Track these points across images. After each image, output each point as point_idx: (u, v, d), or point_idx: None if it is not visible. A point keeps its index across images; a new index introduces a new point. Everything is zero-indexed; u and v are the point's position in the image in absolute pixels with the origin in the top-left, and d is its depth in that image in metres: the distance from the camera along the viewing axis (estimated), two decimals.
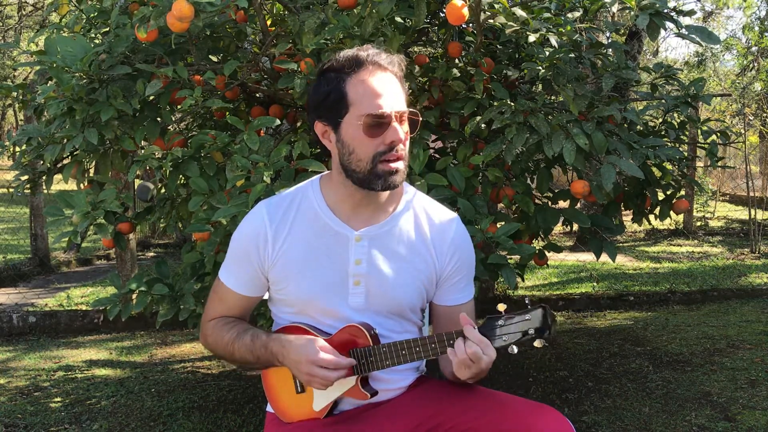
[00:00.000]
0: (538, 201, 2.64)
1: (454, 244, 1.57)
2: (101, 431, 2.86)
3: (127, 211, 2.55)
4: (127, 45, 2.38)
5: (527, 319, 1.37)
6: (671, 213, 2.70)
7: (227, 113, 2.82)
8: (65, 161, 2.71)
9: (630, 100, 4.25)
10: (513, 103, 2.32)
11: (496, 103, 2.37)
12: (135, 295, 2.33)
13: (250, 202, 1.96)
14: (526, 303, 1.40)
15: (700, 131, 2.72)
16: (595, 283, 5.37)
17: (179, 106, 2.43)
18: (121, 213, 2.44)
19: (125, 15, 2.50)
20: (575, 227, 7.01)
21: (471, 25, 2.64)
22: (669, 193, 2.70)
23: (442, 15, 2.69)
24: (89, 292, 5.63)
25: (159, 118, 2.54)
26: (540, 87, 2.91)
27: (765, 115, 8.25)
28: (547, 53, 2.43)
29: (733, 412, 2.76)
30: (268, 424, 1.62)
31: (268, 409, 1.64)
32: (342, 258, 1.50)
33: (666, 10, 2.17)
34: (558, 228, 7.65)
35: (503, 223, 2.23)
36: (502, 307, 1.39)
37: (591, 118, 2.32)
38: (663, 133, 2.72)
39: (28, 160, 2.69)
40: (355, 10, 2.24)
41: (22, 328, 4.73)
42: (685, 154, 2.66)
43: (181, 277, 2.36)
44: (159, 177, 2.43)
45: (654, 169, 2.61)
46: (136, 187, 4.20)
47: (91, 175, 2.82)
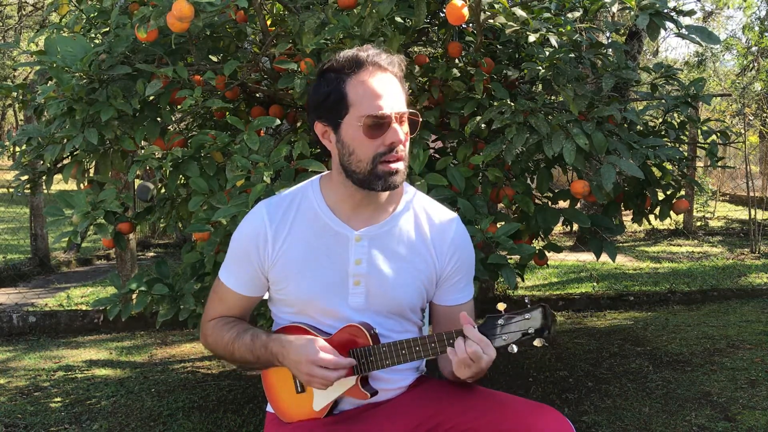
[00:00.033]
0: (538, 201, 2.64)
1: (454, 244, 1.57)
2: (101, 431, 2.86)
3: (127, 211, 2.55)
4: (127, 45, 2.38)
5: (527, 318, 1.37)
6: (671, 213, 2.70)
7: (227, 113, 2.82)
8: (65, 161, 2.71)
9: (630, 100, 4.25)
10: (513, 103, 2.32)
11: (496, 103, 2.37)
12: (135, 295, 2.33)
13: (250, 202, 1.96)
14: (526, 302, 1.41)
15: (700, 131, 2.72)
16: (595, 283, 5.37)
17: (179, 106, 2.43)
18: (121, 213, 2.44)
19: (125, 15, 2.51)
20: (575, 227, 7.01)
21: (471, 25, 2.64)
22: (669, 193, 2.70)
23: (442, 15, 2.69)
24: (89, 292, 5.63)
25: (159, 118, 2.54)
26: (540, 87, 2.91)
27: (765, 115, 8.25)
28: (547, 53, 2.43)
29: (733, 412, 2.76)
30: (268, 424, 1.62)
31: (268, 409, 1.64)
32: (342, 258, 1.50)
33: (666, 10, 2.17)
34: (558, 228, 7.65)
35: (503, 223, 2.23)
36: (501, 306, 1.39)
37: (591, 118, 2.32)
38: (663, 133, 2.72)
39: (28, 160, 2.69)
40: (355, 10, 2.24)
41: (22, 328, 4.73)
42: (685, 154, 2.66)
43: (181, 277, 2.37)
44: (159, 177, 2.43)
45: (654, 169, 2.61)
46: (136, 187, 4.20)
47: (91, 175, 2.82)
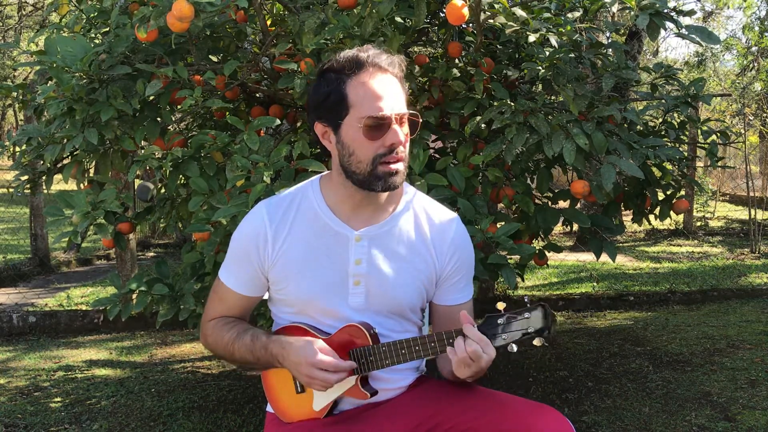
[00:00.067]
0: (538, 201, 2.64)
1: (454, 244, 1.57)
2: (101, 431, 2.86)
3: (127, 211, 2.55)
4: (127, 45, 2.38)
5: (527, 317, 1.37)
6: (671, 213, 2.70)
7: (227, 113, 2.82)
8: (65, 161, 2.71)
9: (630, 100, 4.25)
10: (513, 103, 2.32)
11: (496, 103, 2.37)
12: (135, 295, 2.33)
13: (250, 202, 1.96)
14: (526, 302, 1.41)
15: (700, 131, 2.72)
16: (595, 283, 5.37)
17: (179, 106, 2.43)
18: (121, 213, 2.44)
19: (125, 15, 2.51)
20: (575, 227, 7.01)
21: (471, 25, 2.64)
22: (669, 193, 2.70)
23: (442, 15, 2.69)
24: (89, 292, 5.63)
25: (159, 118, 2.54)
26: (540, 87, 2.91)
27: (765, 115, 8.25)
28: (547, 53, 2.43)
29: (733, 412, 2.76)
30: (268, 424, 1.62)
31: (268, 409, 1.64)
32: (342, 258, 1.50)
33: (666, 10, 2.17)
34: (558, 228, 7.65)
35: (503, 223, 2.23)
36: (501, 305, 1.39)
37: (591, 118, 2.32)
38: (663, 133, 2.72)
39: (28, 160, 2.69)
40: (355, 10, 2.24)
41: (22, 328, 4.73)
42: (685, 154, 2.66)
43: (181, 277, 2.37)
44: (159, 177, 2.43)
45: (654, 169, 2.61)
46: (136, 187, 4.20)
47: (91, 175, 2.82)
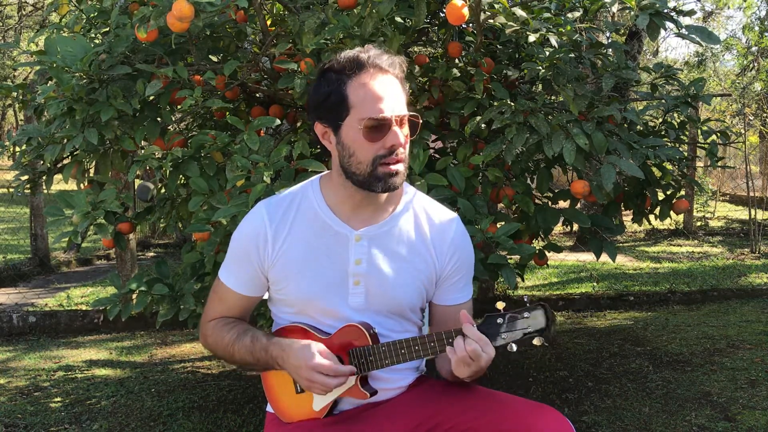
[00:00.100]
0: (538, 201, 2.64)
1: (454, 244, 1.57)
2: (101, 431, 2.86)
3: (127, 211, 2.55)
4: (127, 45, 2.38)
5: (526, 317, 1.37)
6: (671, 213, 2.70)
7: (227, 113, 2.82)
8: (65, 161, 2.71)
9: (630, 100, 4.25)
10: (513, 103, 2.32)
11: (496, 103, 2.37)
12: (135, 295, 2.33)
13: (250, 202, 1.96)
14: (525, 302, 1.41)
15: (700, 131, 2.72)
16: (595, 283, 5.37)
17: (179, 106, 2.43)
18: (121, 213, 2.44)
19: (125, 15, 2.51)
20: (575, 227, 7.01)
21: (471, 25, 2.64)
22: (669, 193, 2.70)
23: (442, 15, 2.69)
24: (89, 292, 5.63)
25: (159, 118, 2.54)
26: (540, 87, 2.91)
27: (765, 115, 8.25)
28: (547, 53, 2.43)
29: (733, 412, 2.76)
30: (268, 424, 1.62)
31: (268, 409, 1.64)
32: (342, 258, 1.50)
33: (666, 10, 2.17)
34: (558, 228, 7.65)
35: (503, 223, 2.23)
36: (501, 305, 1.39)
37: (591, 118, 2.32)
38: (663, 133, 2.72)
39: (28, 160, 2.69)
40: (355, 10, 2.24)
41: (22, 328, 4.73)
42: (685, 154, 2.66)
43: (181, 277, 2.37)
44: (159, 177, 2.43)
45: (654, 169, 2.61)
46: (136, 187, 4.20)
47: (91, 175, 2.82)
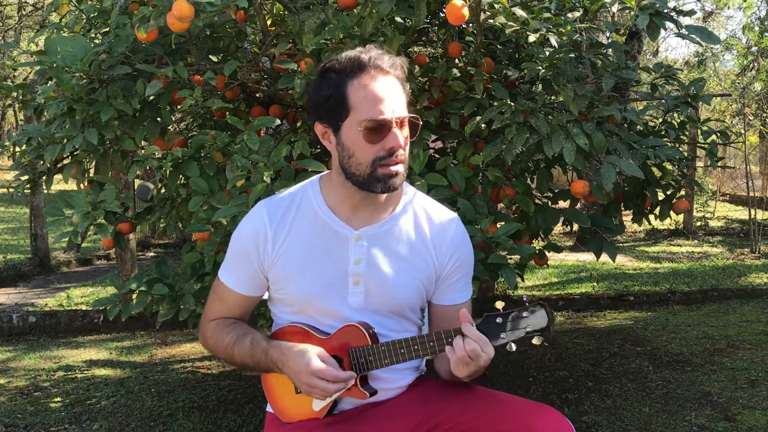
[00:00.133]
0: (538, 201, 2.64)
1: (454, 244, 1.57)
2: (101, 431, 2.86)
3: (127, 211, 2.55)
4: (127, 45, 2.38)
5: (525, 316, 1.37)
6: (671, 213, 2.70)
7: (227, 113, 2.82)
8: (65, 161, 2.71)
9: (630, 100, 4.25)
10: (513, 103, 2.32)
11: (496, 103, 2.37)
12: (135, 295, 2.33)
13: (250, 202, 1.96)
14: (525, 301, 1.40)
15: (700, 131, 2.72)
16: (595, 283, 5.37)
17: (179, 106, 2.43)
18: (121, 213, 2.44)
19: (125, 15, 2.51)
20: (575, 227, 7.01)
21: (471, 25, 2.64)
22: (669, 193, 2.70)
23: (442, 15, 2.69)
24: (89, 292, 5.63)
25: (159, 118, 2.54)
26: (540, 87, 2.91)
27: (765, 115, 8.26)
28: (547, 53, 2.43)
29: (733, 412, 2.76)
30: (268, 424, 1.62)
31: (268, 409, 1.64)
32: (342, 257, 1.50)
33: (666, 10, 2.17)
34: (558, 228, 7.65)
35: (503, 223, 2.23)
36: (500, 304, 1.39)
37: (591, 118, 2.32)
38: (663, 133, 2.72)
39: (28, 160, 2.69)
40: (355, 10, 2.24)
41: (22, 328, 4.73)
42: (685, 154, 2.66)
43: (181, 277, 2.37)
44: (159, 177, 2.43)
45: (654, 169, 2.61)
46: (136, 187, 4.20)
47: (91, 175, 2.82)
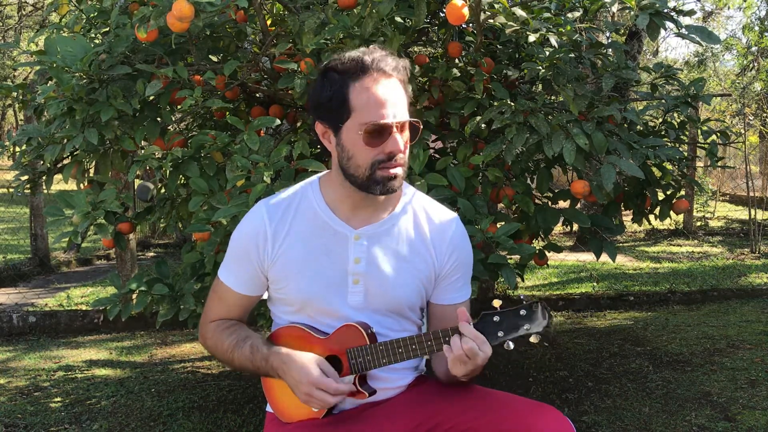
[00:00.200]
0: (538, 201, 2.64)
1: (453, 244, 1.57)
2: (101, 431, 2.86)
3: (127, 211, 2.55)
4: (127, 45, 2.38)
5: (523, 314, 1.37)
6: (671, 213, 2.70)
7: (227, 113, 2.82)
8: (65, 161, 2.71)
9: (630, 100, 4.25)
10: (513, 103, 2.32)
11: (496, 103, 2.37)
12: (135, 295, 2.33)
13: (250, 202, 1.96)
14: (521, 299, 1.40)
15: (700, 131, 2.72)
16: (595, 283, 5.37)
17: (179, 106, 2.43)
18: (121, 213, 2.44)
19: (125, 15, 2.51)
20: (575, 227, 7.01)
21: (471, 25, 2.64)
22: (669, 193, 2.70)
23: (442, 15, 2.69)
24: (89, 292, 5.63)
25: (159, 118, 2.54)
26: (540, 87, 2.91)
27: (765, 115, 8.25)
28: (547, 53, 2.43)
29: (733, 412, 2.76)
30: (268, 424, 1.62)
31: (267, 409, 1.64)
32: (341, 257, 1.50)
33: (666, 10, 2.17)
34: (558, 228, 7.65)
35: (503, 223, 2.23)
36: (497, 303, 1.39)
37: (591, 118, 2.32)
38: (663, 133, 2.72)
39: (28, 160, 2.69)
40: (355, 10, 2.24)
41: (22, 328, 4.73)
42: (685, 154, 2.66)
43: (181, 277, 2.37)
44: (159, 177, 2.43)
45: (654, 169, 2.61)
46: (136, 187, 4.20)
47: (91, 175, 2.82)
